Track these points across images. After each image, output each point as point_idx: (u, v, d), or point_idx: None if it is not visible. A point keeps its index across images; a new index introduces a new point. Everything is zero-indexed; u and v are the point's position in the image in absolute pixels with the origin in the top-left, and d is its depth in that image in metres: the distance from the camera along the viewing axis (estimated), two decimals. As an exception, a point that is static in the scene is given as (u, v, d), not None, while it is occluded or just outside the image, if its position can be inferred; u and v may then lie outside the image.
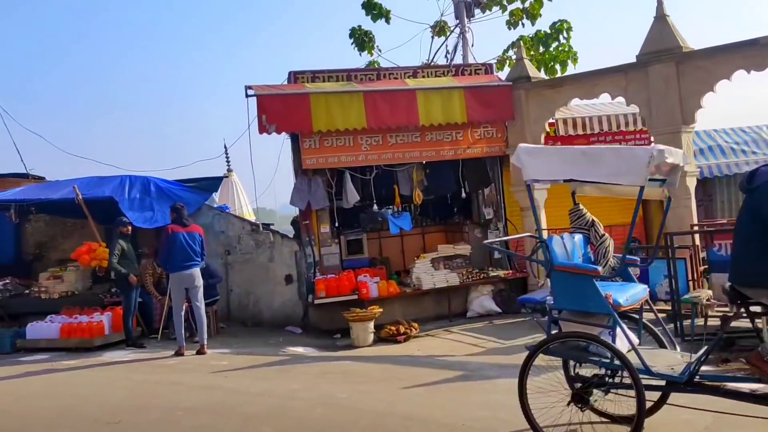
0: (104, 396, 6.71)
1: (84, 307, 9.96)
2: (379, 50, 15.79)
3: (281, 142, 11.53)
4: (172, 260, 8.84)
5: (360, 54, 15.76)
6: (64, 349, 9.29)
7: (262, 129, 10.11)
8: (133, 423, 5.69)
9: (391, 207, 12.04)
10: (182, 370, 7.81)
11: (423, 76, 11.58)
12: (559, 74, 15.29)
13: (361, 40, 15.48)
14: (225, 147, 17.44)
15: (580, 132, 11.54)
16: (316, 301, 10.18)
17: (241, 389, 6.60)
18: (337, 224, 11.26)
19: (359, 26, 15.56)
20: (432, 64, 14.78)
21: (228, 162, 16.97)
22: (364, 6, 15.27)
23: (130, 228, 9.62)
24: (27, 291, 10.80)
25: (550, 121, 11.12)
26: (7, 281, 10.91)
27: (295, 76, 10.91)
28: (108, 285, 10.74)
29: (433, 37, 15.73)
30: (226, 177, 11.82)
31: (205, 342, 8.80)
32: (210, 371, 7.61)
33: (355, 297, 10.10)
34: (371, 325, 9.38)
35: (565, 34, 15.61)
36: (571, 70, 15.48)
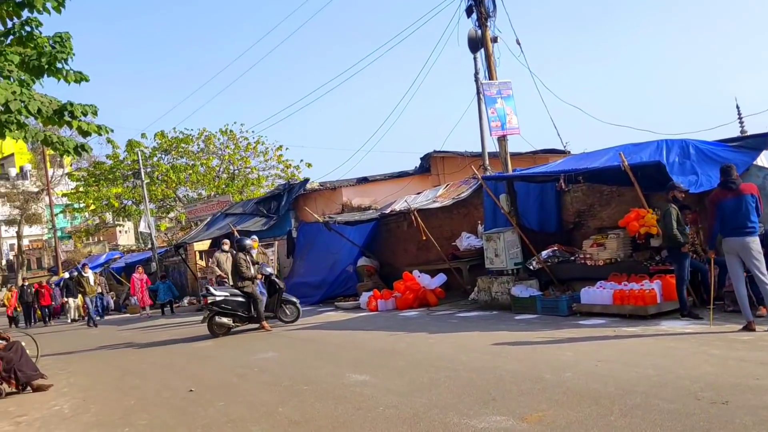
0: (688, 370, 6.39)
1: (630, 275, 9.97)
2: None
3: None
4: (720, 227, 8.22)
5: None
6: (618, 316, 9.45)
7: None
8: (745, 407, 5.15)
9: None
10: (764, 348, 7.04)
11: None
12: None
13: None
14: (737, 105, 15.65)
15: None
16: None
17: None
18: None
19: None
20: None
21: (741, 122, 15.17)
22: None
23: (683, 194, 9.20)
24: (572, 258, 11.40)
25: None
26: (555, 248, 11.70)
27: None
28: (648, 252, 10.56)
29: None
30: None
31: (777, 318, 7.86)
32: (806, 353, 6.67)
33: None
34: None
35: None
36: None
